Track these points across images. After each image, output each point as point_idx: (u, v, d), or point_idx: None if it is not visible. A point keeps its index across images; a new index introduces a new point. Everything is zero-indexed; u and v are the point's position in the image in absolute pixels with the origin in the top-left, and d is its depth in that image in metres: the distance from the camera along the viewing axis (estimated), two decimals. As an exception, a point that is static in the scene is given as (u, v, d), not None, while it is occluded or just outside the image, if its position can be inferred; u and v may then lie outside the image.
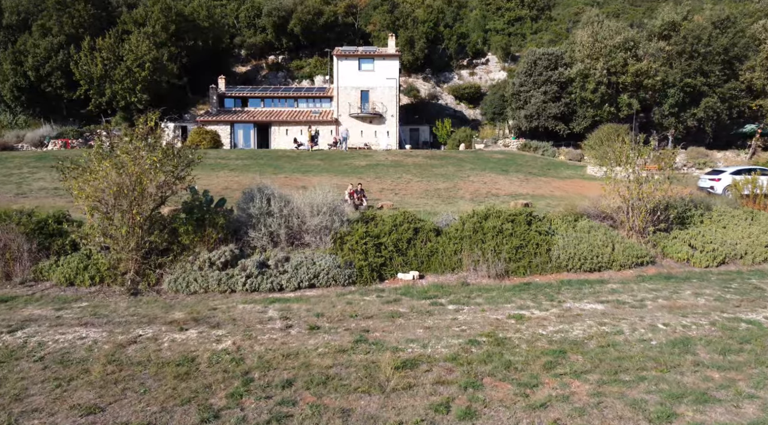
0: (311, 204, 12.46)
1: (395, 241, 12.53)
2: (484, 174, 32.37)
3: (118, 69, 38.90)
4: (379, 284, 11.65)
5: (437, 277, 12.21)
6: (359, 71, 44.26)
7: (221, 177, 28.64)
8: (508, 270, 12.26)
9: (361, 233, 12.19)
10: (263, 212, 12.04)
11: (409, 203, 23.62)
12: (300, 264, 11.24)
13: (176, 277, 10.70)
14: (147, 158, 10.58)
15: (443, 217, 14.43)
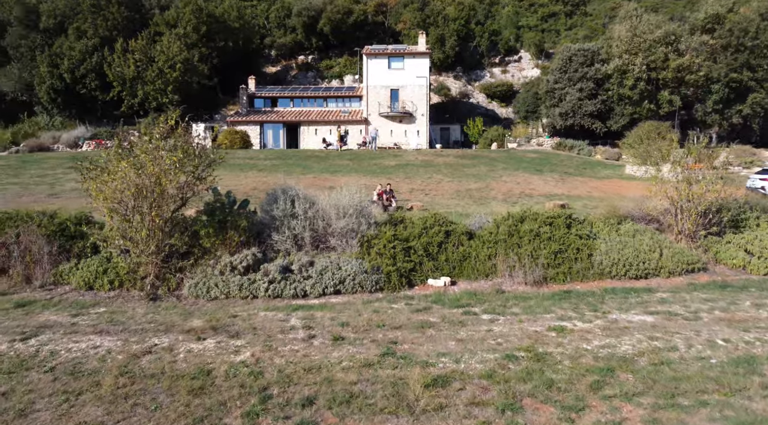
0: (337, 206, 11.92)
1: (425, 245, 11.89)
2: (517, 174, 31.39)
3: (150, 70, 39.25)
4: (408, 291, 11.03)
5: (470, 283, 11.52)
6: (389, 70, 43.68)
7: (249, 177, 28.45)
8: (546, 277, 11.48)
9: (389, 237, 11.59)
10: (287, 214, 11.55)
11: (439, 204, 22.94)
12: (325, 269, 10.70)
13: (197, 282, 10.29)
14: (167, 157, 10.19)
15: (476, 219, 13.72)
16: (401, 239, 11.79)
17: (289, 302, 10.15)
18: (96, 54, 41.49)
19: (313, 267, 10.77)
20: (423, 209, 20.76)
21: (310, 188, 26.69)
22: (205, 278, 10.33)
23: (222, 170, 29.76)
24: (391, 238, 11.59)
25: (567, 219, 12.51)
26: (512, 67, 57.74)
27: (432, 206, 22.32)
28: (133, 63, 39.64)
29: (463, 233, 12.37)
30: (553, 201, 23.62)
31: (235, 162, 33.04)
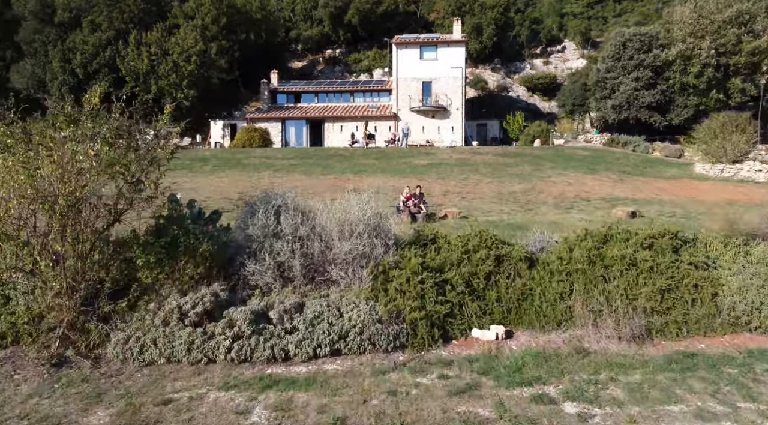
0: (342, 221, 8.39)
1: (467, 277, 8.25)
2: (567, 174, 27.32)
3: (164, 64, 36.58)
4: (442, 350, 7.40)
5: (534, 335, 7.82)
6: (421, 60, 39.98)
7: (264, 179, 25.27)
8: (650, 328, 7.68)
9: (414, 266, 7.97)
10: (268, 233, 8.07)
11: (478, 210, 19.23)
12: (318, 317, 7.18)
13: (128, 336, 6.90)
14: (81, 152, 6.84)
15: (536, 238, 9.97)
16: (432, 269, 8.17)
17: (262, 371, 6.65)
18: (110, 48, 39.16)
19: (301, 314, 7.26)
20: (460, 217, 17.12)
21: (329, 190, 23.31)
22: (140, 330, 6.94)
23: (233, 171, 26.59)
24: (418, 267, 7.98)
25: (673, 240, 8.65)
26: (555, 58, 53.29)
27: (470, 211, 18.67)
28: (147, 56, 37.09)
29: (520, 258, 8.66)
30: (617, 206, 19.56)
31: (250, 162, 30.00)
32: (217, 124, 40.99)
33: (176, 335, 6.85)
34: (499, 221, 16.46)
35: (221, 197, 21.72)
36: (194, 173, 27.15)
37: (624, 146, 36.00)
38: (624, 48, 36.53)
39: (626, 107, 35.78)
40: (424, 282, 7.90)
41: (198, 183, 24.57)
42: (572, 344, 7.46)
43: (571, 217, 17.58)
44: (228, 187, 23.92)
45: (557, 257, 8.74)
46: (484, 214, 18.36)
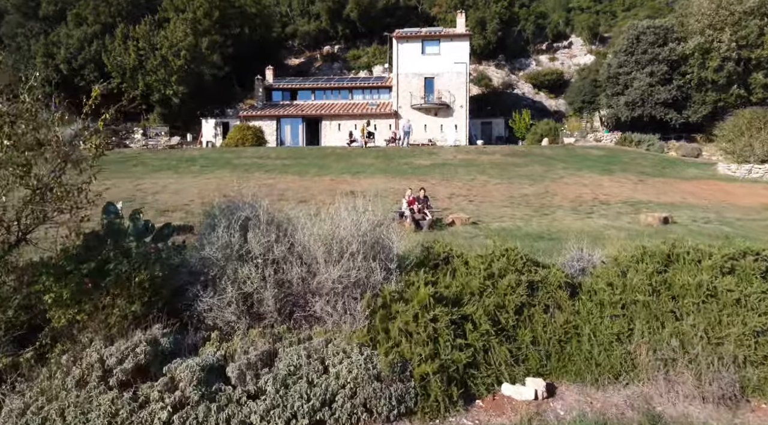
0: (330, 237, 6.42)
1: (493, 311, 6.30)
2: (581, 175, 25.37)
3: (152, 59, 34.59)
4: (464, 416, 5.44)
5: (584, 392, 5.86)
6: (422, 55, 38.02)
7: (253, 181, 23.29)
8: (744, 385, 5.72)
9: (424, 298, 6.00)
10: (231, 254, 6.09)
11: (489, 215, 17.32)
12: (294, 373, 5.23)
13: (25, 404, 4.94)
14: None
15: (573, 256, 7.98)
16: (447, 301, 6.21)
17: (212, 456, 4.69)
18: (96, 42, 37.18)
19: (271, 369, 5.30)
20: (469, 223, 15.17)
21: (324, 193, 21.33)
22: (45, 396, 4.98)
23: (222, 171, 24.61)
24: (429, 300, 6.01)
25: (758, 261, 6.67)
26: (561, 54, 51.34)
27: (479, 217, 16.77)
28: (134, 51, 35.10)
29: (560, 285, 6.70)
30: (645, 212, 17.60)
31: (240, 162, 28.05)
32: (209, 122, 39.04)
33: (94, 402, 4.89)
34: (514, 228, 14.50)
35: (205, 200, 19.78)
36: (180, 173, 25.21)
37: (637, 145, 34.06)
38: (637, 41, 34.55)
39: (640, 103, 33.79)
40: (437, 320, 5.93)
41: (183, 185, 22.64)
42: (639, 406, 5.50)
43: (593, 223, 15.63)
44: (214, 189, 21.96)
45: (606, 283, 6.76)
46: (496, 219, 16.41)
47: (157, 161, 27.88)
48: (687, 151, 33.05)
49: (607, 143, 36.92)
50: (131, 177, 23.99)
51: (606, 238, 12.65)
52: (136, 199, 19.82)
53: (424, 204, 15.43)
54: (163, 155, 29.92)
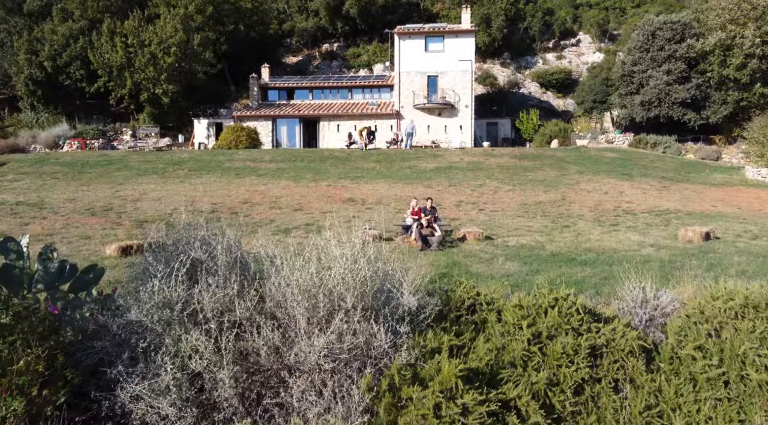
0: (314, 288, 4.57)
1: (543, 392, 4.47)
2: (598, 180, 23.54)
3: (140, 56, 32.74)
4: None
5: None
6: (426, 52, 36.17)
7: (243, 187, 21.52)
8: None
9: (448, 378, 4.16)
10: (172, 316, 4.23)
11: (503, 227, 15.54)
12: None
13: None
14: None
15: (634, 297, 6.15)
16: (479, 379, 4.38)
17: None
18: (82, 38, 35.31)
19: None
20: (483, 238, 13.34)
21: (321, 200, 19.49)
22: None
23: (211, 176, 22.80)
24: (455, 381, 4.17)
25: None
26: (569, 52, 49.48)
27: (492, 228, 14.99)
28: (121, 48, 33.24)
29: (631, 349, 4.86)
30: (676, 223, 15.75)
31: (231, 165, 26.23)
32: (201, 123, 37.22)
33: None
34: (535, 245, 12.65)
35: (191, 208, 17.93)
36: (165, 178, 23.42)
37: (653, 147, 32.20)
38: (653, 38, 32.69)
39: (657, 103, 31.91)
40: (467, 412, 4.09)
41: (167, 191, 20.83)
42: None
43: (624, 238, 13.79)
44: (201, 195, 20.18)
45: (695, 347, 4.91)
46: (512, 233, 14.57)
47: (143, 165, 26.06)
48: (706, 153, 31.20)
49: (619, 144, 35.07)
50: (112, 183, 22.17)
51: (649, 260, 10.85)
52: (114, 208, 18.01)
53: (432, 216, 13.59)
54: (151, 158, 28.09)
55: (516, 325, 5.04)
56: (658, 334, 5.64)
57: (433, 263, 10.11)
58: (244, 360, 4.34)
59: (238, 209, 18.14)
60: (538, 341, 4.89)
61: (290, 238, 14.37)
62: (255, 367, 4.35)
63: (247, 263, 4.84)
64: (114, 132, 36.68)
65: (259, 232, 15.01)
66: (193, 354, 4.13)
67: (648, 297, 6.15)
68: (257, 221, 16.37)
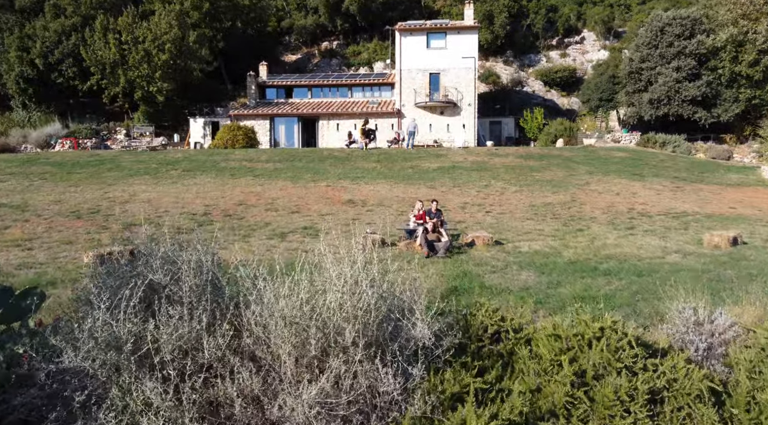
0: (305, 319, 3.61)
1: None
2: (609, 180, 22.60)
3: (134, 52, 31.77)
4: None
5: None
6: (428, 49, 35.21)
7: (238, 188, 20.58)
8: None
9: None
10: (119, 361, 3.27)
11: (512, 230, 14.64)
12: None
13: None
14: None
15: (686, 320, 5.20)
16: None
17: None
18: (75, 35, 34.33)
19: None
20: (492, 243, 12.42)
21: (319, 202, 18.55)
22: None
23: (206, 176, 21.88)
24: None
25: None
26: (573, 50, 48.52)
27: (501, 232, 14.08)
28: (115, 44, 32.27)
29: (698, 394, 3.91)
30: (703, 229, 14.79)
31: (227, 165, 25.27)
32: (197, 121, 36.25)
33: None
34: (550, 251, 11.70)
35: (182, 210, 17.03)
36: (158, 179, 22.47)
37: (662, 147, 31.23)
38: (662, 34, 31.73)
39: (666, 101, 30.94)
40: (502, 484, 3.14)
41: (158, 192, 19.87)
42: None
43: (644, 243, 12.85)
44: (194, 197, 19.24)
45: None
46: (522, 237, 13.64)
47: (135, 165, 25.11)
48: (717, 153, 30.25)
49: (626, 144, 34.13)
50: (101, 184, 21.21)
51: (679, 269, 9.90)
52: (101, 210, 17.04)
53: (439, 220, 12.65)
54: (144, 158, 27.15)
55: (554, 362, 4.09)
56: (720, 367, 4.69)
57: (443, 274, 9.18)
58: (214, 413, 3.39)
59: (232, 212, 17.21)
60: (583, 382, 3.94)
61: (285, 242, 13.46)
62: (228, 423, 3.40)
63: (221, 286, 3.88)
64: (108, 131, 35.72)
65: (252, 236, 14.10)
66: (146, 409, 3.18)
67: (701, 319, 5.21)
68: (251, 225, 15.43)
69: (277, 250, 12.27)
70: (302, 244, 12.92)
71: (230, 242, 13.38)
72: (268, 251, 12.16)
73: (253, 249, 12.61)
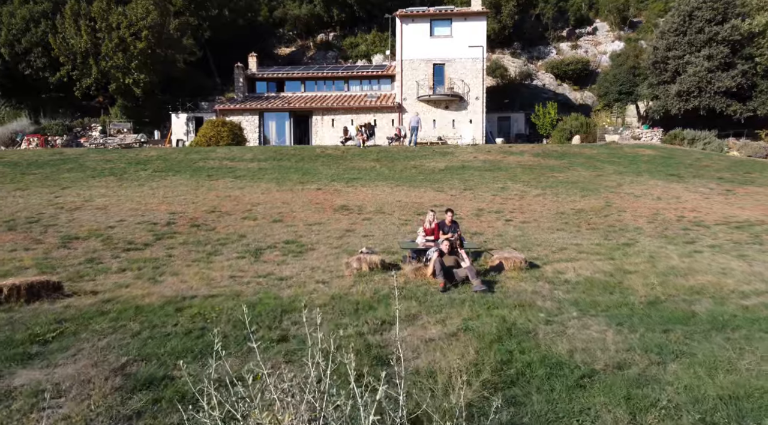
0: None
1: None
2: (643, 182, 19.61)
3: (107, 40, 28.71)
4: None
5: None
6: (431, 38, 32.17)
7: (214, 192, 17.57)
8: None
9: None
10: None
11: (542, 245, 11.70)
12: None
13: None
14: None
15: None
16: None
17: None
18: (44, 22, 31.28)
19: None
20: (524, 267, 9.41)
21: (307, 209, 15.52)
22: None
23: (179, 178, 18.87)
24: None
25: None
26: (585, 41, 45.48)
27: (528, 248, 11.18)
28: (87, 32, 29.19)
29: None
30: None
31: (206, 165, 22.25)
32: (180, 117, 33.20)
33: None
34: (606, 280, 8.65)
35: (142, 219, 14.01)
36: (122, 180, 19.46)
37: (691, 144, 28.24)
38: (690, 19, 28.69)
39: (696, 93, 27.92)
40: None
41: (118, 197, 16.83)
42: None
43: (719, 265, 9.84)
44: (159, 203, 16.21)
45: None
46: (559, 255, 10.62)
47: (100, 165, 22.11)
48: (753, 150, 27.25)
49: (647, 140, 31.13)
50: (54, 187, 18.19)
51: None
52: (42, 219, 13.98)
53: (456, 237, 9.61)
54: (113, 156, 24.13)
55: None
56: None
57: (471, 326, 6.17)
58: None
59: (201, 220, 14.20)
60: None
61: (259, 264, 10.49)
62: None
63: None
64: (82, 128, 32.66)
65: (220, 254, 11.10)
66: None
67: None
68: (222, 238, 12.46)
69: (245, 277, 9.28)
70: (280, 266, 9.93)
71: (188, 264, 10.40)
72: (232, 279, 9.19)
73: (213, 275, 9.63)
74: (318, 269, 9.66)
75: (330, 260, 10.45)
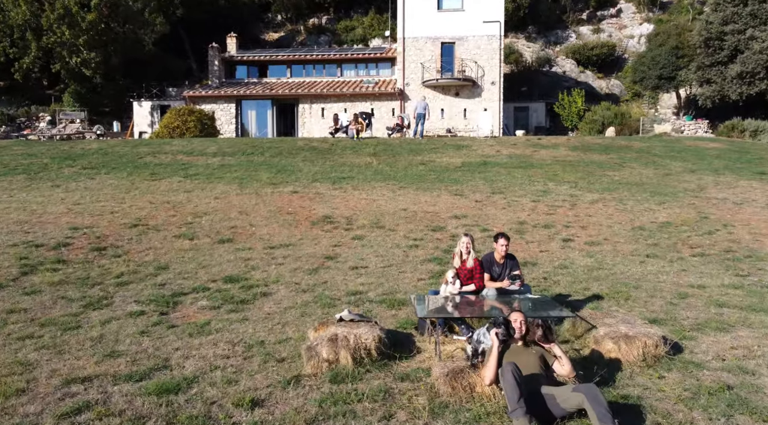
0: None
1: None
2: (731, 182, 14.76)
3: (49, 12, 23.75)
4: None
5: None
6: (439, 11, 27.27)
7: (148, 196, 12.66)
8: None
9: None
10: None
11: (641, 286, 6.86)
12: None
13: None
14: None
15: None
16: None
17: None
18: (-20, -7, 26.29)
19: None
20: (661, 353, 4.26)
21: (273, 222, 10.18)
22: None
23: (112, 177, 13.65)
24: None
25: None
26: (608, 25, 40.62)
27: (616, 289, 6.03)
28: (25, 2, 24.23)
29: None
30: None
31: (152, 161, 17.28)
32: (143, 106, 28.27)
33: None
34: None
35: (23, 239, 9.06)
36: (33, 181, 14.57)
37: (753, 136, 23.41)
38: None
39: (763, 74, 23.05)
40: None
41: (6, 204, 11.92)
42: None
43: None
44: (64, 211, 11.25)
45: None
46: (687, 312, 5.55)
47: (14, 160, 17.22)
48: (829, 144, 22.33)
49: (690, 133, 26.28)
50: (-70, 188, 13.27)
51: None
52: None
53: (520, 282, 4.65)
54: (39, 150, 19.23)
55: None
56: None
57: None
58: None
59: (111, 240, 9.32)
60: None
61: (163, 329, 5.51)
62: None
63: None
64: (27, 118, 27.70)
65: (110, 304, 6.19)
66: None
67: None
68: (128, 271, 7.72)
69: (121, 361, 4.45)
70: (190, 340, 5.04)
71: (19, 337, 5.49)
72: (98, 365, 4.32)
73: (65, 360, 4.75)
74: (259, 351, 4.90)
75: (288, 323, 5.78)
